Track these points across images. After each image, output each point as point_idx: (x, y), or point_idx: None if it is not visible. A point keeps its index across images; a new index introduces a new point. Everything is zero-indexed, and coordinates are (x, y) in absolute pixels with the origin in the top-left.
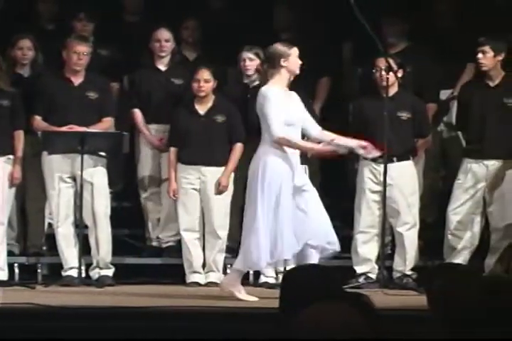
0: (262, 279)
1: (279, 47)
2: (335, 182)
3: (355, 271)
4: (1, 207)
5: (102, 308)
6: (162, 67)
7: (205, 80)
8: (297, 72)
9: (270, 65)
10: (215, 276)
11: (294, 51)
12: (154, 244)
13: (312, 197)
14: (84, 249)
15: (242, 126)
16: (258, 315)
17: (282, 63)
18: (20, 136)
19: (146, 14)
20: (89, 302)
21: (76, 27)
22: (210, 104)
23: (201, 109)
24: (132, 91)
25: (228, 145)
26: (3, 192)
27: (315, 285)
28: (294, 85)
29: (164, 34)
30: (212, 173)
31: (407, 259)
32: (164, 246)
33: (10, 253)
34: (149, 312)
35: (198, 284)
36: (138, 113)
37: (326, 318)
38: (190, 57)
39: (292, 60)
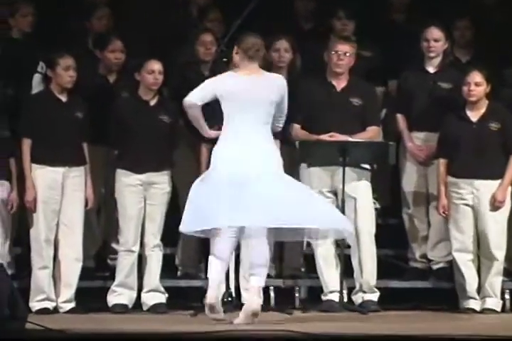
0: None
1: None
2: None
3: None
4: None
5: (365, 336)
6: (431, 69)
7: (476, 83)
8: None
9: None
10: (492, 302)
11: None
12: (419, 265)
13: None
14: (347, 270)
15: None
16: None
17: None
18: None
19: (414, 12)
20: (351, 330)
21: (335, 26)
22: (483, 110)
23: (473, 115)
24: (398, 95)
25: (503, 155)
26: None
27: None
28: None
29: (434, 33)
30: (486, 187)
31: None
32: (434, 267)
33: (267, 275)
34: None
35: (472, 310)
36: (401, 119)
37: None
38: (463, 59)
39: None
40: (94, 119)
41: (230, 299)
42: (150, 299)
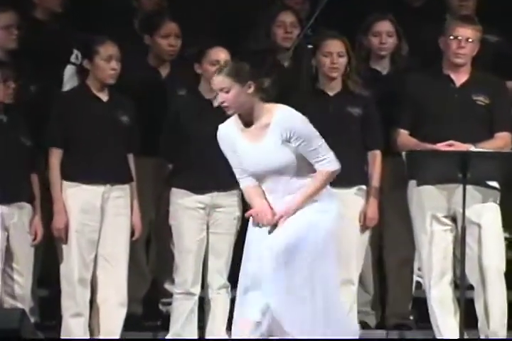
0: None
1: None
2: None
3: None
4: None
5: None
6: None
7: None
8: None
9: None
10: None
11: None
12: None
13: None
14: (469, 318)
15: None
16: None
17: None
18: (377, 158)
19: None
20: None
21: (452, 3)
22: None
23: None
24: None
25: None
26: (353, 237)
27: None
28: None
29: None
30: None
31: None
32: None
33: (364, 325)
34: None
35: None
36: None
37: None
38: None
39: None
40: (143, 124)
41: None
42: None
